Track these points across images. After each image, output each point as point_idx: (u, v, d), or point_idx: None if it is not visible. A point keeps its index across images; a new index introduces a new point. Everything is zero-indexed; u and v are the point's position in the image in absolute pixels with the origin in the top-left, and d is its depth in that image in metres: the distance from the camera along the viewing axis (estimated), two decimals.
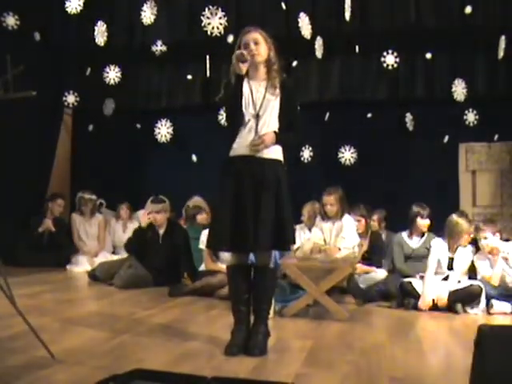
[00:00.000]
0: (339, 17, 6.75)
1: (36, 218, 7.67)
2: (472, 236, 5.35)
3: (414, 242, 5.74)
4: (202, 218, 6.68)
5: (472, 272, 5.30)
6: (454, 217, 5.27)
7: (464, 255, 5.19)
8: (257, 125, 3.39)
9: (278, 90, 3.43)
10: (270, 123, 3.41)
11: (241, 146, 3.41)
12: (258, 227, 3.28)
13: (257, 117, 3.39)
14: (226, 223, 3.34)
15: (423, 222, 5.71)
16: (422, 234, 5.76)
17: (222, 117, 7.34)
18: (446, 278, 5.16)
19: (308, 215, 6.16)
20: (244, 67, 3.32)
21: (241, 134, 3.42)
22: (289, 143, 3.57)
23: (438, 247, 5.25)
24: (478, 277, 5.24)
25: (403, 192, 7.09)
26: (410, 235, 5.79)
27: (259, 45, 3.40)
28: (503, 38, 6.60)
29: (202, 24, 6.87)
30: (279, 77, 3.45)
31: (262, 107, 3.40)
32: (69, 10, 7.16)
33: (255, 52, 3.38)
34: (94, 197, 7.70)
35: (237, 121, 3.43)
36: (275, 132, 3.39)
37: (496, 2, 6.54)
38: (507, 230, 6.36)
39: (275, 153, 3.43)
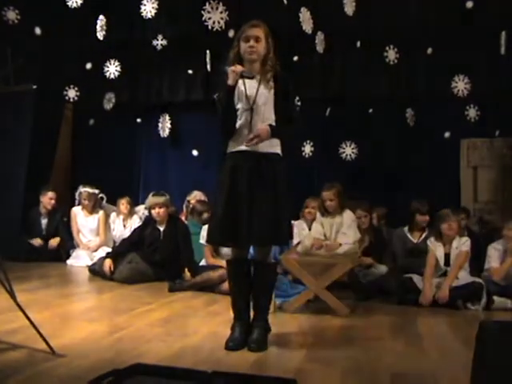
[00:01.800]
0: (341, 12, 6.72)
1: (34, 212, 7.66)
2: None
3: (415, 238, 5.74)
4: (202, 214, 6.64)
5: (477, 262, 5.34)
6: (441, 211, 5.32)
7: (459, 249, 5.17)
8: (251, 119, 3.38)
9: (271, 83, 3.43)
10: (265, 116, 3.41)
11: (237, 141, 3.42)
12: (253, 222, 3.27)
13: (251, 110, 3.39)
14: (220, 218, 3.35)
15: (422, 218, 5.71)
16: (423, 230, 5.75)
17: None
18: (444, 274, 5.16)
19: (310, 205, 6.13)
20: (236, 79, 3.35)
21: (236, 129, 3.42)
22: (288, 136, 3.56)
23: (433, 245, 5.26)
24: (486, 265, 5.26)
25: (404, 188, 7.08)
26: (410, 231, 5.79)
27: (260, 42, 3.40)
28: (503, 33, 6.58)
29: (203, 18, 6.85)
30: (272, 70, 3.44)
31: (256, 101, 3.39)
32: (69, 4, 7.13)
33: (254, 50, 3.38)
34: (96, 191, 7.68)
35: (231, 117, 3.43)
36: (270, 125, 3.37)
37: None
38: None
39: (273, 146, 3.42)
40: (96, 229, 7.60)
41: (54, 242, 7.47)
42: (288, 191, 3.44)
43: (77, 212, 7.65)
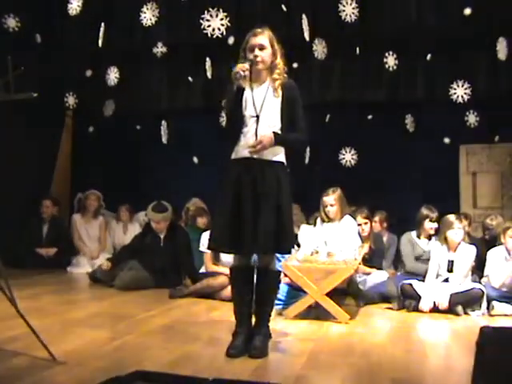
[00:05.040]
0: (340, 18, 6.74)
1: (34, 219, 7.67)
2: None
3: (423, 244, 5.72)
4: (202, 221, 6.66)
5: (478, 268, 5.34)
6: (446, 217, 5.33)
7: (464, 256, 5.18)
8: (257, 126, 3.38)
9: (279, 92, 3.43)
10: (271, 124, 3.40)
11: (242, 148, 3.41)
12: (257, 229, 3.27)
13: (257, 118, 3.39)
14: (225, 225, 3.34)
15: (431, 225, 5.69)
16: (429, 237, 5.73)
17: (223, 119, 7.31)
18: (446, 281, 5.17)
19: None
20: (243, 82, 3.33)
21: (242, 136, 3.43)
22: (292, 144, 3.55)
23: (437, 250, 5.27)
24: (486, 271, 5.26)
25: (404, 194, 7.08)
26: (418, 237, 5.77)
27: (264, 50, 3.40)
28: (501, 39, 6.60)
29: (202, 27, 6.86)
30: (281, 79, 3.44)
31: (263, 108, 3.39)
32: (70, 11, 7.15)
33: (259, 59, 3.38)
34: (99, 194, 7.70)
35: (237, 123, 3.43)
36: (275, 133, 3.38)
37: (496, 3, 6.53)
38: None
39: (276, 154, 3.42)
40: (96, 235, 7.60)
41: (51, 251, 7.47)
42: (291, 198, 3.45)
43: (77, 219, 7.65)
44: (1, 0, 7.06)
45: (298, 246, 5.05)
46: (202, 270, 5.89)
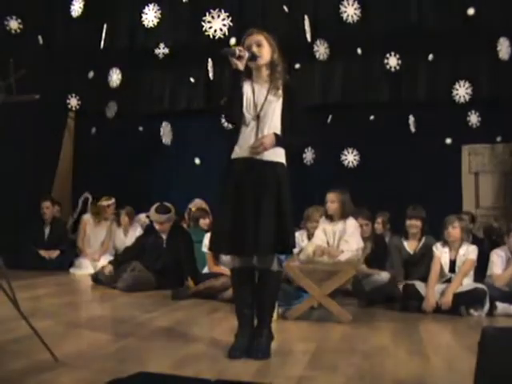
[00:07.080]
0: (341, 19, 6.75)
1: (36, 220, 7.67)
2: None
3: (412, 246, 5.68)
4: (204, 222, 6.66)
5: (481, 268, 5.33)
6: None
7: (466, 256, 5.17)
8: (258, 126, 3.37)
9: (280, 92, 3.40)
10: (272, 125, 3.38)
11: (242, 148, 3.40)
12: (258, 230, 3.26)
13: (258, 118, 3.38)
14: (225, 226, 3.33)
15: (414, 223, 5.64)
16: (419, 239, 5.70)
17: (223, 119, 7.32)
18: (448, 281, 5.16)
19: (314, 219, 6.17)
20: (240, 63, 3.30)
21: (242, 135, 3.41)
22: (293, 145, 3.55)
23: (439, 250, 5.26)
24: (489, 271, 5.25)
25: (406, 194, 7.07)
26: (406, 239, 5.73)
27: (262, 47, 3.38)
28: (503, 39, 6.59)
29: (204, 28, 6.87)
30: (282, 79, 3.43)
31: (264, 109, 3.37)
32: (72, 13, 7.17)
33: (258, 54, 3.37)
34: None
35: (237, 122, 3.42)
36: (276, 134, 3.37)
37: (498, 3, 6.53)
38: None
39: (277, 155, 3.40)
40: (102, 238, 7.59)
41: (53, 253, 7.47)
42: (291, 199, 3.44)
43: (87, 220, 7.64)
44: (3, 2, 7.07)
45: None
46: (205, 270, 5.89)
